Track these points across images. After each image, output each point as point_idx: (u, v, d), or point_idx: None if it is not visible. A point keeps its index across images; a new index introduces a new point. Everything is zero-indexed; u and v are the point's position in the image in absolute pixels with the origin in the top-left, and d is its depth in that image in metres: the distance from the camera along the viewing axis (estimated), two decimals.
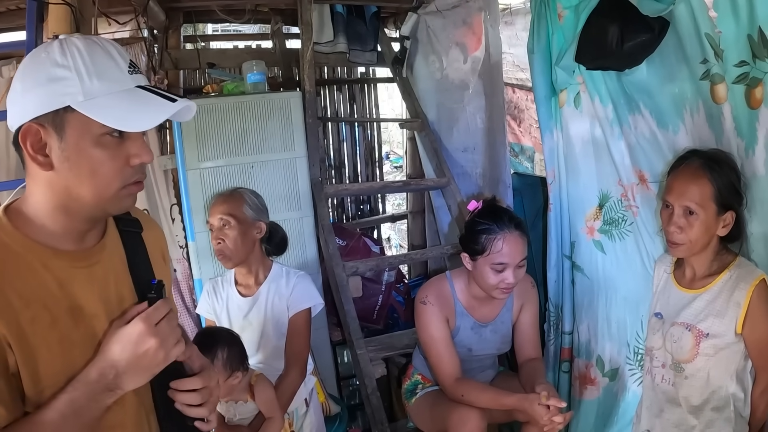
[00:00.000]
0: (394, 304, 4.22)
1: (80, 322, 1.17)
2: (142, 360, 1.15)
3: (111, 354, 1.15)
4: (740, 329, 1.91)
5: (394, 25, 4.60)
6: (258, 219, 2.63)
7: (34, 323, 1.09)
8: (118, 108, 1.13)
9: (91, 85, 1.12)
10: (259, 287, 2.64)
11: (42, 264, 1.14)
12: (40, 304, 1.11)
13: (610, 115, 2.59)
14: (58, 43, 1.14)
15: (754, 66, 1.93)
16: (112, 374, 1.14)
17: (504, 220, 2.43)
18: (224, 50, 5.14)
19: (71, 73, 1.11)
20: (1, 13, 3.56)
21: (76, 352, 1.15)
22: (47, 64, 1.12)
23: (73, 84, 1.11)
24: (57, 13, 2.25)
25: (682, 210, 2.00)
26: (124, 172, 1.19)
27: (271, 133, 3.33)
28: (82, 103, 1.11)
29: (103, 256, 1.27)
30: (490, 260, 2.41)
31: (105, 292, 1.23)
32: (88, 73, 1.12)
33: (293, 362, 2.56)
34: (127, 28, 3.56)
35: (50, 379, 1.11)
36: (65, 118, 1.12)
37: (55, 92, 1.11)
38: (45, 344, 1.10)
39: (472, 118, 3.92)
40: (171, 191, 3.64)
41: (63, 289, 1.16)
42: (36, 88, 1.11)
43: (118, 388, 1.15)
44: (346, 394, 3.89)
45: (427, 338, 2.54)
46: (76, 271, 1.19)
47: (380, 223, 5.75)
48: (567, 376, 3.06)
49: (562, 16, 2.68)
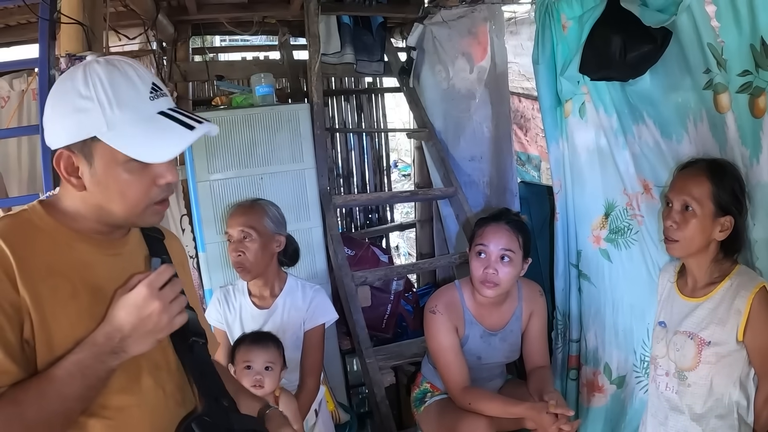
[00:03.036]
0: (403, 313, 4.22)
1: (100, 301, 1.22)
2: (146, 323, 1.20)
3: (116, 318, 1.19)
4: (741, 337, 1.91)
5: (400, 35, 4.62)
6: (277, 232, 2.66)
7: (56, 292, 1.15)
8: (140, 138, 1.19)
9: (113, 116, 1.17)
10: (274, 299, 2.66)
11: (68, 245, 1.22)
12: (64, 276, 1.18)
13: (614, 124, 2.61)
14: (81, 72, 1.19)
15: (757, 75, 1.94)
16: (118, 337, 1.18)
17: (499, 216, 2.56)
18: (232, 62, 5.17)
19: (94, 104, 1.16)
20: (13, 27, 3.62)
21: (92, 325, 1.19)
22: (72, 95, 1.18)
23: (97, 115, 1.16)
24: (68, 31, 2.27)
25: (679, 205, 2.02)
26: (151, 192, 1.25)
27: (280, 144, 3.36)
28: (105, 133, 1.17)
29: (126, 250, 1.34)
30: (474, 243, 2.52)
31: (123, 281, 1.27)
32: (110, 104, 1.17)
33: (309, 374, 2.61)
34: (137, 42, 3.61)
35: (64, 348, 1.16)
36: (93, 146, 1.18)
37: (81, 123, 1.17)
38: (64, 313, 1.16)
39: (479, 127, 3.94)
40: (181, 202, 3.67)
41: (86, 269, 1.23)
42: (64, 118, 1.19)
43: (123, 351, 1.19)
44: (356, 403, 3.89)
45: (436, 347, 2.56)
46: (99, 257, 1.26)
47: (389, 232, 5.76)
48: (575, 383, 3.07)
49: (566, 26, 2.70)
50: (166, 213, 3.69)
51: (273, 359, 2.31)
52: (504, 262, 2.46)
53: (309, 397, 2.57)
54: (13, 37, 3.66)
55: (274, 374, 2.30)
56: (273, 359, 2.31)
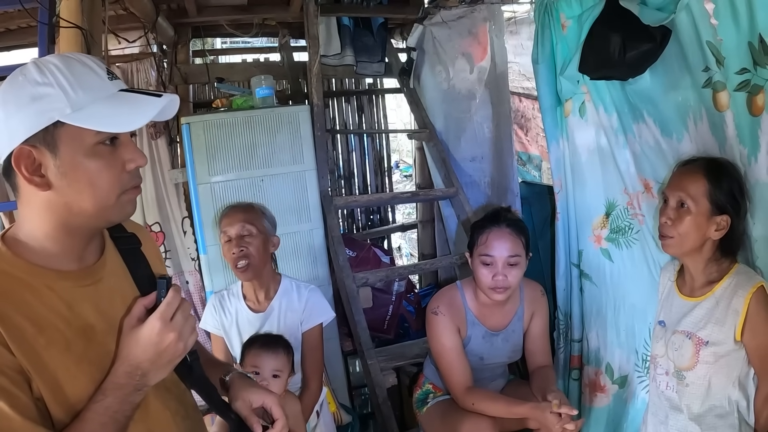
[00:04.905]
0: (405, 314, 4.23)
1: (93, 341, 1.18)
2: (164, 355, 1.18)
3: (133, 356, 1.16)
4: (739, 336, 1.90)
5: (400, 36, 4.62)
6: (273, 234, 2.66)
7: (50, 347, 1.10)
8: (107, 113, 1.13)
9: (77, 97, 1.11)
10: (270, 302, 2.64)
11: (47, 287, 1.14)
12: (52, 328, 1.11)
13: (614, 124, 2.61)
14: (33, 65, 1.13)
15: (755, 73, 1.93)
16: (139, 374, 1.16)
17: (499, 219, 2.50)
18: (233, 64, 5.18)
19: (54, 89, 1.10)
20: (13, 31, 3.62)
21: (94, 369, 1.16)
22: (27, 86, 1.10)
23: (59, 98, 1.10)
24: (68, 35, 2.24)
25: (675, 202, 2.02)
26: (121, 178, 1.19)
27: (281, 146, 3.37)
28: (70, 115, 1.10)
29: (105, 273, 1.27)
30: (478, 252, 2.48)
31: (112, 308, 1.23)
32: (71, 86, 1.11)
33: (311, 376, 2.59)
34: (137, 45, 3.61)
35: (80, 398, 1.13)
36: (56, 134, 1.11)
37: (42, 110, 1.10)
38: (63, 367, 1.11)
39: (480, 127, 3.95)
40: (182, 204, 3.69)
41: (72, 310, 1.16)
42: (20, 111, 1.10)
43: (145, 385, 1.18)
44: (358, 404, 3.90)
45: (439, 348, 2.56)
46: (81, 291, 1.19)
47: (390, 233, 5.77)
48: (577, 383, 3.07)
49: (565, 26, 2.70)
50: (167, 215, 3.72)
51: (281, 366, 2.29)
52: (512, 267, 2.46)
53: (312, 399, 2.57)
54: (14, 41, 3.67)
55: (281, 381, 2.29)
56: (281, 366, 2.29)
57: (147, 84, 3.65)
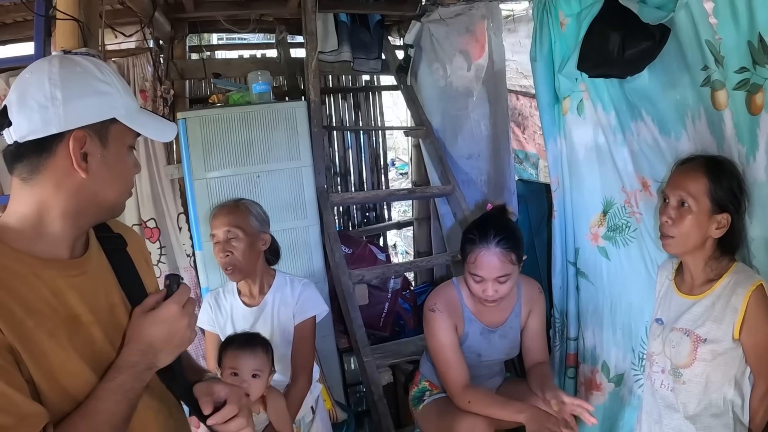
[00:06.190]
0: (401, 312, 4.23)
1: (79, 330, 1.19)
2: (175, 337, 1.28)
3: (147, 334, 1.25)
4: (737, 335, 1.90)
5: (398, 33, 4.62)
6: (262, 231, 2.63)
7: (38, 331, 1.10)
8: (147, 123, 1.31)
9: (126, 102, 1.26)
10: (263, 297, 2.63)
11: (34, 274, 1.15)
12: (40, 313, 1.13)
13: (612, 122, 2.60)
14: (89, 61, 1.25)
15: (755, 72, 1.94)
16: (151, 353, 1.24)
17: (488, 235, 2.40)
18: (229, 60, 5.16)
19: (113, 89, 1.24)
20: (8, 25, 3.61)
21: (80, 358, 1.17)
22: (90, 79, 1.22)
23: (117, 99, 1.25)
24: (64, 28, 2.23)
25: (675, 201, 2.00)
26: (134, 178, 1.35)
27: (277, 142, 3.36)
28: (124, 116, 1.25)
29: (90, 267, 1.29)
30: (468, 268, 2.47)
31: (96, 302, 1.25)
32: (125, 91, 1.27)
33: (300, 370, 2.56)
34: (133, 39, 3.60)
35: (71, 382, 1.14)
36: (109, 128, 1.24)
37: (106, 104, 1.22)
38: (52, 351, 1.12)
39: (477, 125, 3.94)
40: (178, 200, 3.66)
41: (57, 298, 1.17)
42: (83, 99, 1.19)
43: (155, 365, 1.26)
44: (353, 401, 3.90)
45: (436, 345, 2.55)
46: (67, 281, 1.21)
47: (386, 230, 5.75)
48: (573, 381, 3.07)
49: (564, 24, 2.70)
50: (163, 211, 3.70)
51: (261, 366, 2.25)
52: (501, 284, 2.44)
53: (300, 394, 2.52)
54: (10, 35, 3.65)
55: (261, 381, 2.25)
56: (261, 366, 2.25)
57: (143, 80, 3.63)
